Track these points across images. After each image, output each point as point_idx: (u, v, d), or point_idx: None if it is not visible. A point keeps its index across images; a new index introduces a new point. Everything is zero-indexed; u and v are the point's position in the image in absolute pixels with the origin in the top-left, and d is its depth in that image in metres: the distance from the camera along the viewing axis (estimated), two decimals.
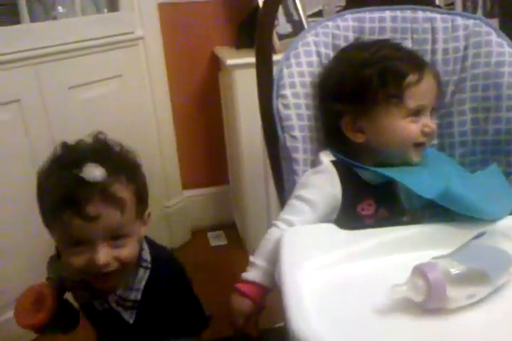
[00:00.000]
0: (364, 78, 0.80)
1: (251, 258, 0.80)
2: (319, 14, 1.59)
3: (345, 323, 0.58)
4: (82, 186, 0.72)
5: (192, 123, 1.81)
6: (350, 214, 0.81)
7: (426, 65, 0.84)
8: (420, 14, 0.94)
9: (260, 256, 0.78)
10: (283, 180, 0.92)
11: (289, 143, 0.87)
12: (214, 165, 1.88)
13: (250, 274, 0.78)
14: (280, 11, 1.52)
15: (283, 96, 0.88)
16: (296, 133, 0.87)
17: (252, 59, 0.96)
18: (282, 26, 1.54)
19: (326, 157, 0.84)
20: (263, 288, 0.77)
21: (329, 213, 0.81)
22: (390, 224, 0.76)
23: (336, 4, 1.50)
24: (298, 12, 1.55)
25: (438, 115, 0.91)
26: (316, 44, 0.91)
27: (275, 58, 0.95)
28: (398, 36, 0.94)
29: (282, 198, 0.93)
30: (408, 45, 0.93)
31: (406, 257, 0.66)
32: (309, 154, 0.88)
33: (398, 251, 0.70)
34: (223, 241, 1.84)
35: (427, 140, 0.83)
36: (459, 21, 0.93)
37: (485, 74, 0.90)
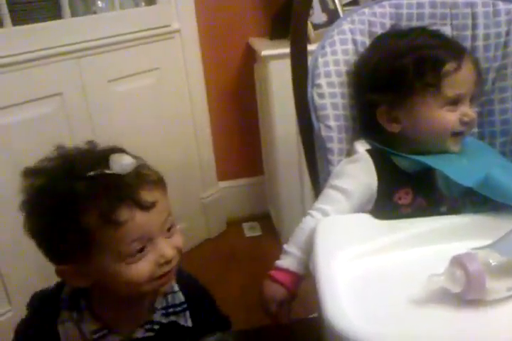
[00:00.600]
0: (400, 67, 0.79)
1: (285, 246, 0.80)
2: (355, 3, 1.57)
3: (380, 313, 0.58)
4: (121, 177, 0.64)
5: (227, 114, 1.83)
6: (386, 203, 0.80)
7: (465, 53, 0.81)
8: None
9: (294, 245, 0.79)
10: (317, 170, 0.91)
11: (324, 132, 0.86)
12: (249, 156, 1.89)
13: (284, 262, 0.78)
14: (315, 0, 1.51)
15: (318, 85, 0.87)
16: (331, 122, 0.86)
17: (287, 49, 0.95)
18: (317, 16, 1.53)
19: (362, 146, 0.84)
20: (296, 276, 0.78)
21: (365, 203, 0.80)
22: (428, 214, 0.75)
23: None
24: (333, 1, 1.53)
25: (478, 103, 0.89)
26: (352, 32, 0.90)
27: (310, 48, 0.94)
28: (437, 22, 0.91)
29: (317, 188, 0.93)
30: (447, 31, 0.90)
31: (444, 248, 0.65)
32: (344, 143, 0.87)
33: (436, 242, 0.68)
34: (258, 231, 1.85)
35: (466, 129, 0.81)
36: (501, 6, 0.90)
37: None
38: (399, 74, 0.79)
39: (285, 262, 0.78)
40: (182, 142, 1.69)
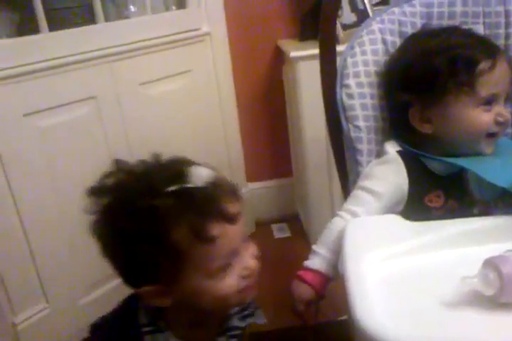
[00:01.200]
0: (433, 67, 0.78)
1: (313, 246, 0.80)
2: (385, 2, 1.55)
3: (410, 315, 0.58)
4: (205, 190, 0.60)
5: (256, 116, 1.83)
6: (417, 205, 0.79)
7: (499, 51, 0.80)
8: None
9: (323, 245, 0.79)
10: (347, 172, 0.91)
11: (353, 133, 0.86)
12: (278, 157, 1.89)
13: (312, 262, 0.79)
14: (344, 1, 1.50)
15: (347, 85, 0.87)
16: (360, 123, 0.86)
17: (316, 50, 0.95)
18: (346, 16, 1.52)
19: (392, 147, 0.83)
20: (324, 277, 0.78)
21: (395, 204, 0.79)
22: (460, 216, 0.74)
23: None
24: (363, 1, 1.52)
25: None
26: (382, 31, 0.89)
27: (339, 49, 0.94)
28: (469, 21, 0.90)
29: (346, 189, 0.93)
30: (479, 30, 0.89)
31: (476, 250, 0.64)
32: (373, 145, 0.86)
33: (468, 244, 0.67)
34: (287, 233, 1.85)
35: (501, 130, 0.80)
36: None
37: None
38: (432, 74, 0.78)
39: (313, 262, 0.79)
40: (211, 144, 1.70)
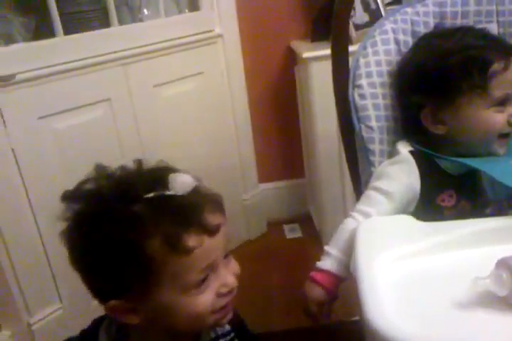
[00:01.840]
0: (447, 68, 0.78)
1: (326, 247, 0.80)
2: (398, 2, 1.54)
3: (422, 315, 0.57)
4: (184, 198, 0.57)
5: (268, 117, 1.84)
6: (429, 205, 0.79)
7: None
8: None
9: (335, 246, 0.79)
10: (359, 172, 0.91)
11: (365, 133, 0.86)
12: (290, 158, 1.89)
13: (324, 263, 0.79)
14: (357, 0, 1.50)
15: (359, 86, 0.87)
16: (372, 123, 0.86)
17: (328, 51, 0.95)
18: (359, 16, 1.51)
19: (404, 147, 0.83)
20: (336, 277, 0.78)
21: (407, 204, 0.79)
22: (473, 217, 0.73)
23: None
24: (375, 0, 1.52)
25: None
26: (395, 31, 0.89)
27: (352, 49, 0.94)
28: (483, 19, 0.89)
29: (358, 190, 0.92)
30: (493, 29, 0.88)
31: (489, 250, 0.63)
32: (385, 145, 0.86)
33: (481, 244, 0.67)
34: (299, 233, 1.85)
35: None
36: None
37: None
38: (445, 74, 0.78)
39: (325, 263, 0.78)
40: (224, 144, 1.71)
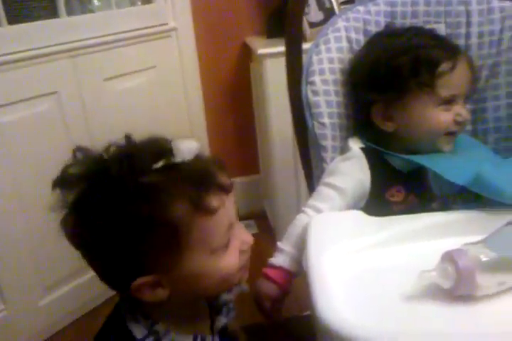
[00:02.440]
0: (396, 67, 0.79)
1: (278, 243, 0.80)
2: (352, 1, 1.56)
3: (371, 309, 0.58)
4: (196, 163, 0.56)
5: (223, 113, 1.83)
6: (378, 201, 0.80)
7: (460, 53, 0.82)
8: None
9: (287, 242, 0.79)
10: (312, 168, 0.92)
11: (318, 130, 0.86)
12: (245, 154, 1.89)
13: (277, 259, 0.78)
14: None
15: (312, 82, 0.87)
16: (324, 120, 0.86)
17: (283, 48, 0.95)
18: (314, 14, 1.53)
19: (355, 144, 0.84)
20: (289, 273, 0.78)
21: (358, 200, 0.80)
22: (420, 211, 0.75)
23: None
24: None
25: (471, 100, 0.89)
26: (347, 30, 0.90)
27: (306, 46, 0.94)
28: (431, 20, 0.91)
29: (311, 186, 0.93)
30: (441, 29, 0.90)
31: (435, 244, 0.65)
32: (338, 141, 0.87)
33: (427, 238, 0.69)
34: (254, 230, 1.85)
35: (460, 128, 0.82)
36: (495, 3, 0.90)
37: None
38: (395, 73, 0.79)
39: (278, 259, 0.78)
40: (167, 136, 1.69)
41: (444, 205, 0.82)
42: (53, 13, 1.34)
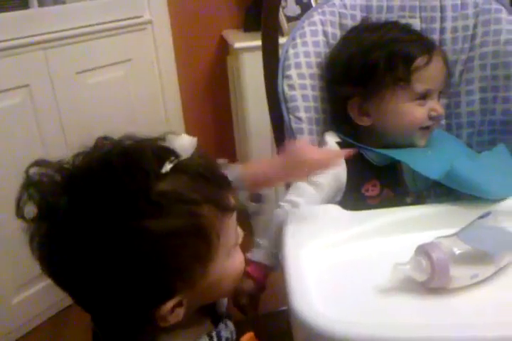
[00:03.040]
0: (372, 61, 0.79)
1: (256, 238, 0.80)
2: None
3: (347, 302, 0.59)
4: (200, 160, 0.51)
5: (200, 106, 1.81)
6: (354, 195, 0.81)
7: (435, 48, 0.82)
8: None
9: (264, 237, 0.79)
10: None
11: (294, 124, 0.86)
12: (222, 148, 1.88)
13: (253, 254, 0.79)
14: None
15: (288, 76, 0.87)
16: (301, 114, 0.86)
17: (260, 42, 0.95)
18: (291, 8, 1.52)
19: (331, 138, 0.84)
20: (265, 268, 0.78)
21: (334, 194, 0.81)
22: (394, 205, 0.76)
23: None
24: None
25: (446, 95, 0.90)
26: (323, 23, 0.90)
27: (283, 41, 0.94)
28: (406, 14, 0.92)
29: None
30: (416, 24, 0.91)
31: (410, 237, 0.65)
32: (314, 135, 0.87)
33: (402, 232, 0.69)
34: None
35: (434, 123, 0.83)
36: None
37: (494, 53, 0.88)
38: (370, 68, 0.79)
39: (255, 255, 0.78)
40: (154, 134, 1.67)
41: (418, 199, 0.83)
42: (24, 4, 1.30)
